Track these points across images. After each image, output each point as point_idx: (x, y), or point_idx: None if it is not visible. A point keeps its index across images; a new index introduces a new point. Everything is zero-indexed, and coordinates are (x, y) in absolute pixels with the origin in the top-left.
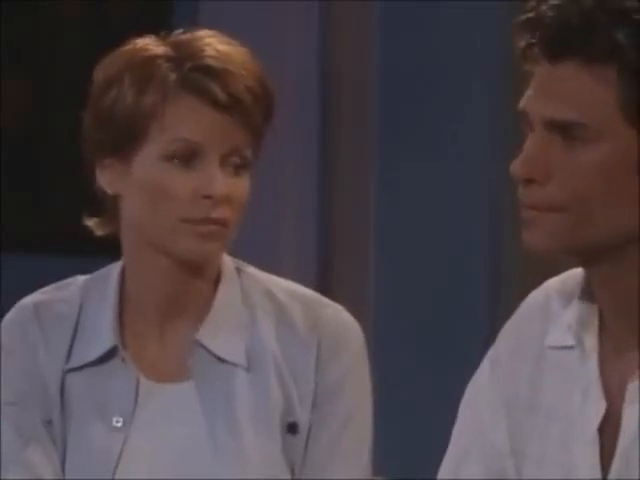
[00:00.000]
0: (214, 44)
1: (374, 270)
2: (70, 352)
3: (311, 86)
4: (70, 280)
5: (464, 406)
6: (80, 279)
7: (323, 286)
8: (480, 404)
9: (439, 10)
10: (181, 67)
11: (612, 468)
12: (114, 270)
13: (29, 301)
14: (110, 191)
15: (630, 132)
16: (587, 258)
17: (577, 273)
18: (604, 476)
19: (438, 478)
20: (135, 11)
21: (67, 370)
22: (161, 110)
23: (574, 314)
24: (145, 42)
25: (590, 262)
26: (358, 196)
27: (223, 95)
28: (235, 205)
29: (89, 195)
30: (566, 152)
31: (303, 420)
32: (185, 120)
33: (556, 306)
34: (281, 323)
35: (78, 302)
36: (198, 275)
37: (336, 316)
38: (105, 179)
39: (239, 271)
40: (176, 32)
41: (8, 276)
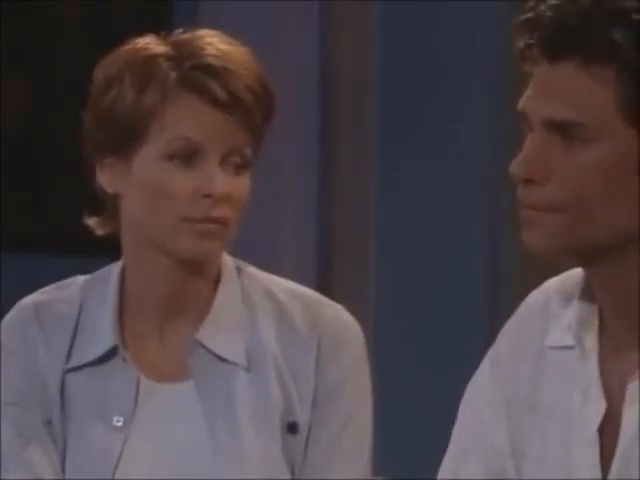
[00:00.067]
0: (215, 43)
1: (374, 270)
2: (70, 352)
3: (311, 86)
4: (70, 280)
5: (464, 406)
6: (80, 279)
7: (323, 286)
8: (480, 404)
9: (439, 10)
10: (181, 66)
11: (612, 468)
12: (114, 270)
13: (29, 301)
14: (110, 190)
15: (629, 132)
16: (587, 258)
17: (577, 273)
18: (604, 476)
19: (438, 478)
20: (135, 11)
21: (67, 370)
22: (161, 109)
23: (574, 314)
24: (145, 41)
25: (590, 262)
26: (358, 196)
27: (223, 94)
28: (235, 204)
29: (89, 195)
30: (565, 152)
31: (303, 420)
32: (185, 119)
33: (556, 306)
34: (281, 323)
35: (78, 302)
36: (198, 274)
37: (336, 316)
38: (105, 178)
39: (239, 271)
40: (176, 32)
41: (8, 276)
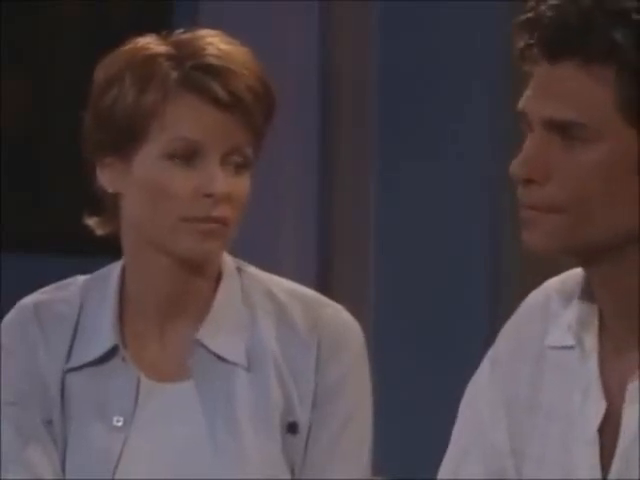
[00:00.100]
0: (215, 43)
1: (374, 270)
2: (70, 352)
3: (311, 86)
4: (70, 280)
5: (464, 406)
6: (80, 279)
7: (323, 286)
8: (480, 404)
9: (439, 10)
10: (182, 66)
11: (612, 468)
12: (114, 270)
13: (29, 301)
14: (110, 190)
15: (629, 132)
16: (587, 258)
17: (577, 273)
18: (604, 476)
19: (438, 478)
20: (135, 11)
21: (67, 370)
22: (162, 109)
23: (574, 314)
24: (146, 41)
25: (590, 262)
26: (358, 196)
27: (224, 94)
28: (235, 204)
29: (89, 195)
30: (565, 152)
31: (303, 420)
32: (186, 119)
33: (556, 306)
34: (281, 323)
35: (78, 302)
36: (198, 274)
37: (336, 316)
38: (105, 178)
39: (240, 271)
40: (177, 31)
41: (8, 276)
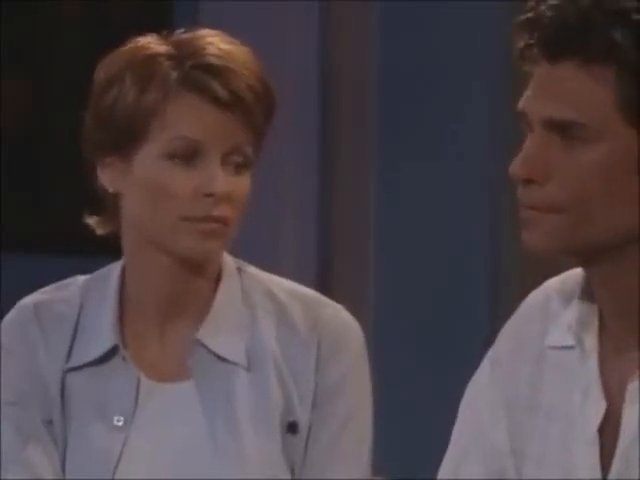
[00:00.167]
0: (216, 43)
1: (374, 270)
2: (70, 352)
3: (311, 86)
4: (70, 280)
5: (464, 406)
6: (80, 279)
7: (323, 286)
8: (480, 404)
9: (439, 10)
10: (182, 65)
11: (612, 468)
12: (114, 270)
13: (29, 301)
14: (111, 189)
15: (629, 132)
16: (587, 258)
17: (577, 273)
18: (604, 476)
19: (438, 478)
20: (135, 11)
21: (67, 370)
22: (162, 108)
23: (574, 314)
24: (146, 41)
25: (590, 262)
26: (358, 196)
27: (224, 93)
28: (236, 204)
29: (89, 194)
30: (565, 152)
31: (303, 420)
32: (186, 118)
33: (556, 306)
34: (282, 323)
35: (78, 302)
36: (199, 274)
37: (336, 316)
38: (106, 177)
39: (240, 271)
40: (177, 31)
41: (8, 276)
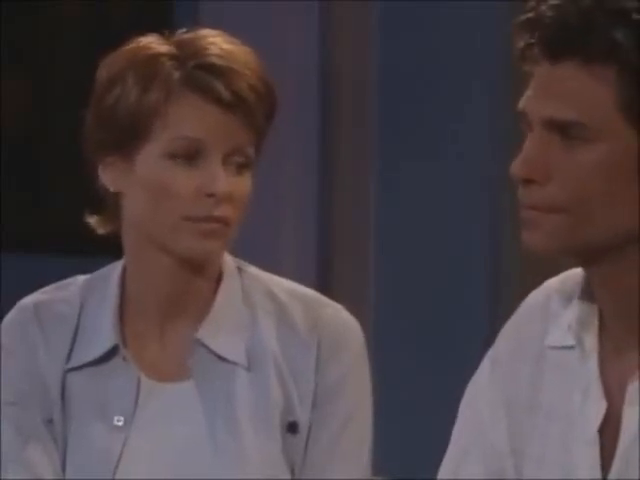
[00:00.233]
0: (218, 43)
1: (374, 270)
2: (70, 352)
3: (311, 86)
4: (70, 280)
5: (464, 406)
6: (80, 279)
7: (323, 286)
8: (480, 404)
9: (439, 10)
10: (185, 65)
11: (612, 468)
12: (114, 270)
13: (29, 301)
14: (112, 189)
15: (630, 132)
16: (587, 258)
17: (577, 273)
18: (604, 476)
19: (438, 478)
20: (135, 11)
21: (67, 370)
22: (164, 108)
23: (574, 314)
24: (148, 40)
25: (590, 262)
26: (358, 196)
27: (227, 93)
28: (237, 204)
29: (90, 194)
30: (565, 152)
31: (303, 420)
32: (188, 118)
33: (556, 306)
34: (282, 323)
35: (78, 302)
36: (199, 274)
37: (336, 316)
38: (107, 177)
39: (240, 271)
40: (179, 31)
41: (8, 276)
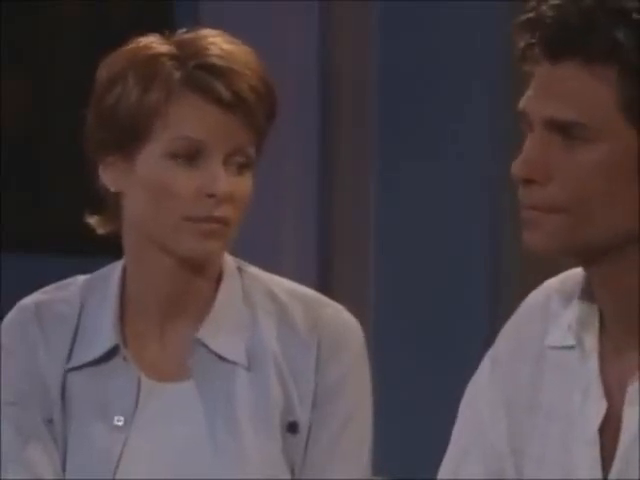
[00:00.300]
0: (218, 43)
1: (374, 270)
2: (71, 352)
3: (311, 86)
4: (70, 280)
5: (464, 406)
6: (80, 279)
7: (323, 286)
8: (480, 404)
9: (439, 10)
10: (185, 65)
11: (613, 469)
12: (115, 269)
13: (29, 301)
14: (113, 189)
15: (630, 132)
16: (587, 258)
17: (577, 273)
18: (604, 476)
19: (438, 478)
20: (135, 11)
21: (68, 370)
22: (165, 108)
23: (574, 314)
24: (149, 40)
25: (590, 262)
26: (358, 196)
27: (227, 94)
28: (238, 204)
29: (90, 194)
30: (566, 152)
31: (303, 420)
32: (189, 118)
33: (556, 306)
34: (282, 323)
35: (78, 302)
36: (199, 274)
37: (336, 316)
38: (108, 177)
39: (241, 271)
40: (179, 31)
41: (8, 276)
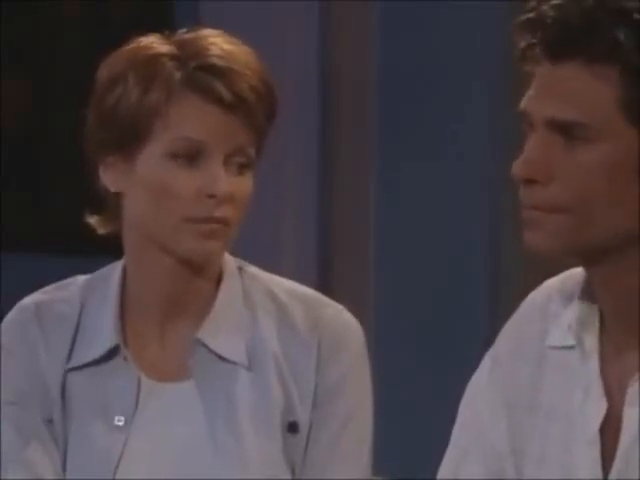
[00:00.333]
0: (218, 43)
1: (374, 270)
2: (71, 352)
3: (311, 86)
4: (70, 280)
5: (464, 406)
6: (80, 279)
7: (323, 286)
8: (480, 404)
9: (439, 10)
10: (186, 66)
11: (613, 469)
12: (115, 269)
13: (29, 301)
14: (113, 189)
15: (631, 132)
16: (588, 258)
17: (577, 273)
18: (605, 476)
19: (438, 478)
20: (135, 11)
21: (68, 370)
22: (165, 108)
23: (574, 314)
24: (149, 40)
25: (591, 262)
26: (358, 196)
27: (228, 94)
28: (238, 204)
29: (90, 194)
30: (567, 152)
31: (303, 420)
32: (189, 119)
33: (556, 306)
34: (282, 323)
35: (78, 302)
36: (200, 274)
37: (337, 316)
38: (108, 177)
39: (241, 271)
40: (180, 31)
41: (8, 276)
